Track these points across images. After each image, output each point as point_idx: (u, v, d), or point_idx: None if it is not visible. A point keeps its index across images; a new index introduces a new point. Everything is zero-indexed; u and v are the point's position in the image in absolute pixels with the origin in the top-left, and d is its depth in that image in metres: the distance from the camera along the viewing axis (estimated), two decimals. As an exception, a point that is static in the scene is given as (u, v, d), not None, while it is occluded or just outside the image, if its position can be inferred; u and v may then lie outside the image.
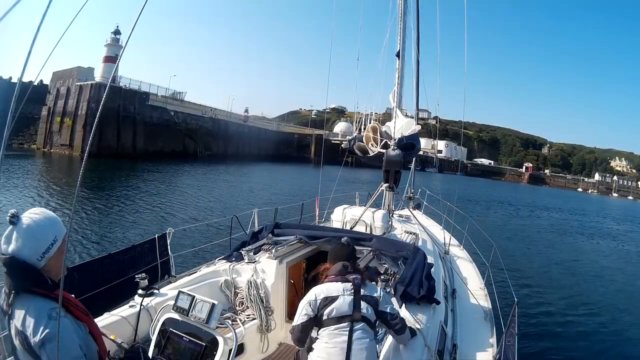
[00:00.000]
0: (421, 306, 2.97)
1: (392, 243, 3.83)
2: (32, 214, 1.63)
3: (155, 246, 4.21)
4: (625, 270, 15.47)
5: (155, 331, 2.34)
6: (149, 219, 12.80)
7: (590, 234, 24.17)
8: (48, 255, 1.60)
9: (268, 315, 3.32)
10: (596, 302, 10.54)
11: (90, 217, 12.02)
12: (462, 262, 5.98)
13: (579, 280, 12.71)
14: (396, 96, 6.41)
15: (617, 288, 12.43)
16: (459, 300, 4.45)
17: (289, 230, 4.08)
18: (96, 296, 3.36)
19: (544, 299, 9.95)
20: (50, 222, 1.64)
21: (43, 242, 1.59)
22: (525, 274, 12.11)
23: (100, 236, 10.08)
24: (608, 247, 20.51)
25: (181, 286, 3.13)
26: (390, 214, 5.85)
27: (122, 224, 11.85)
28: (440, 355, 2.78)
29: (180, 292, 2.36)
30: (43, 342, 1.49)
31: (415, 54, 7.03)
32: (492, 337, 3.74)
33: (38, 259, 1.57)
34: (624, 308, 10.40)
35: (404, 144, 5.59)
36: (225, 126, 50.20)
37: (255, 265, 3.56)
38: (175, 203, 16.00)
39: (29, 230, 1.57)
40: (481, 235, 8.59)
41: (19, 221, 1.57)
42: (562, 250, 17.70)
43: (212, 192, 20.60)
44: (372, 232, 4.71)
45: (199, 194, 19.31)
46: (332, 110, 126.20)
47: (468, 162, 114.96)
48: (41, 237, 1.59)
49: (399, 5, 6.32)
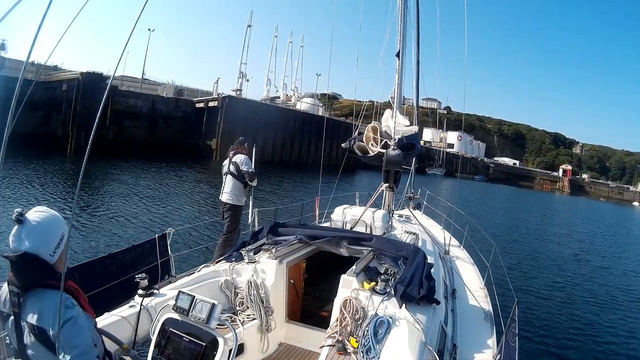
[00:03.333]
0: (421, 306, 2.97)
1: (392, 243, 3.82)
2: (37, 212, 1.69)
3: (155, 246, 4.22)
4: (626, 271, 15.48)
5: (155, 331, 2.34)
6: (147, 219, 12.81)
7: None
8: (59, 250, 1.68)
9: (268, 315, 3.32)
10: (597, 302, 10.55)
11: (91, 217, 12.02)
12: (462, 262, 5.98)
13: (580, 280, 12.71)
14: (396, 96, 6.41)
15: (619, 288, 12.43)
16: (459, 300, 4.45)
17: (289, 230, 4.08)
18: (96, 296, 3.36)
19: (544, 299, 9.96)
20: (57, 219, 1.73)
21: (54, 238, 1.67)
22: (526, 274, 12.12)
23: (101, 236, 10.08)
24: (609, 248, 20.52)
25: (181, 286, 3.14)
26: (390, 214, 5.85)
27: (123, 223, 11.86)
28: (440, 355, 2.78)
29: (180, 292, 2.36)
30: (63, 331, 1.53)
31: (415, 54, 7.04)
32: (492, 337, 3.74)
33: (51, 254, 1.65)
34: (625, 308, 10.41)
35: (404, 144, 5.60)
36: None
37: (255, 265, 3.57)
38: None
39: (40, 227, 1.64)
40: (481, 235, 8.61)
41: (26, 220, 1.62)
42: (563, 251, 17.71)
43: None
44: (372, 232, 4.71)
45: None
46: (323, 97, 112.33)
47: (490, 162, 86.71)
48: (52, 234, 1.67)
49: (398, 5, 6.33)
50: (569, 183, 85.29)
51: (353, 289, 3.01)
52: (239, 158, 5.92)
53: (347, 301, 2.92)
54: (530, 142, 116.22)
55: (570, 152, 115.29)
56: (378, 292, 3.00)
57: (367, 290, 3.01)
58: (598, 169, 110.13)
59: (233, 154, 6.01)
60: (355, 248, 3.69)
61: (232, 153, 6.05)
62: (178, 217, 12.94)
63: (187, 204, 15.43)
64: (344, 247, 3.73)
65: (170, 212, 13.66)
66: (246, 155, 6.00)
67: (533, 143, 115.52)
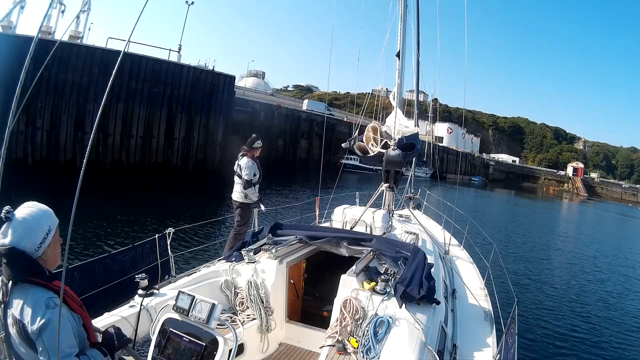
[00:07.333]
0: (421, 306, 2.97)
1: (392, 243, 3.83)
2: (25, 207, 1.73)
3: (155, 246, 4.22)
4: (627, 271, 15.47)
5: (155, 331, 2.34)
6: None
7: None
8: (44, 245, 1.71)
9: (268, 315, 3.32)
10: (597, 302, 10.55)
11: (90, 216, 12.02)
12: (462, 262, 5.98)
13: (580, 280, 12.71)
14: (396, 96, 6.42)
15: (619, 288, 12.43)
16: (459, 300, 4.45)
17: (289, 231, 4.08)
18: (96, 296, 3.37)
19: (544, 299, 9.96)
20: (44, 214, 1.75)
21: (39, 233, 1.69)
22: (526, 274, 12.11)
23: (101, 236, 10.09)
24: (610, 249, 20.51)
25: (181, 286, 3.14)
26: (390, 214, 5.85)
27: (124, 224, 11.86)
28: (440, 355, 2.78)
29: (180, 292, 2.36)
30: (40, 331, 1.57)
31: (415, 54, 7.03)
32: (492, 337, 3.74)
33: (35, 249, 1.68)
34: (625, 308, 10.41)
35: (404, 144, 5.61)
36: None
37: (255, 265, 3.57)
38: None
39: (25, 222, 1.67)
40: (481, 236, 8.61)
41: (14, 216, 1.66)
42: (563, 251, 17.71)
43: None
44: (372, 232, 4.72)
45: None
46: (296, 88, 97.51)
47: (489, 159, 73.65)
48: (37, 229, 1.69)
49: (399, 5, 6.33)
50: (582, 184, 71.66)
51: (353, 289, 3.01)
52: (243, 162, 5.99)
53: (347, 301, 2.92)
54: (529, 136, 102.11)
55: (573, 148, 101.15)
56: (378, 292, 2.99)
57: (367, 290, 3.01)
58: (604, 167, 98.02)
59: (240, 156, 6.08)
60: (355, 248, 3.69)
61: (240, 155, 6.11)
62: (178, 218, 12.94)
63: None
64: (344, 247, 3.73)
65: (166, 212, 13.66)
66: (252, 159, 6.02)
67: (533, 138, 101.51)
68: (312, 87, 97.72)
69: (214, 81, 23.15)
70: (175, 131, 21.68)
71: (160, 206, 14.81)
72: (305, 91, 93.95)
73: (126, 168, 19.72)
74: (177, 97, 21.50)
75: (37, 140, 17.37)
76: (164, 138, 21.29)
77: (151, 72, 20.45)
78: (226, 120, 24.05)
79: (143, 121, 20.43)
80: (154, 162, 20.94)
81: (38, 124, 17.34)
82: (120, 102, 19.37)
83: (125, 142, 19.94)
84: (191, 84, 22.05)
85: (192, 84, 22.09)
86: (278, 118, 37.22)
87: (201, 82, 22.51)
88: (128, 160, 20.07)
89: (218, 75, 23.48)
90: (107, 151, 19.26)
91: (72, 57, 17.96)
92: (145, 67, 20.26)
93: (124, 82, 19.20)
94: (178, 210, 14.00)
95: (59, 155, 17.94)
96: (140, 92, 20.15)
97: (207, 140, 22.94)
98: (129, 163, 20.04)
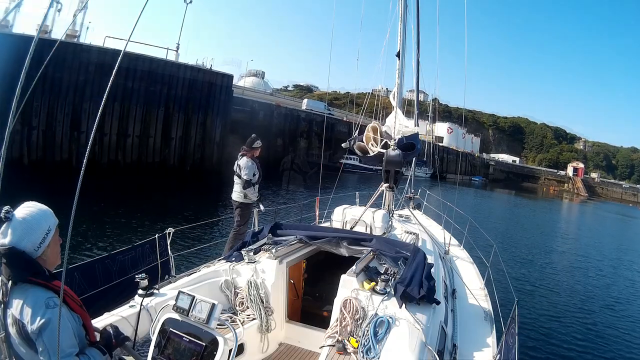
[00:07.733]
0: (421, 306, 2.97)
1: (392, 243, 3.82)
2: (25, 207, 1.73)
3: (155, 246, 4.22)
4: (627, 271, 15.48)
5: (155, 331, 2.34)
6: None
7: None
8: (44, 245, 1.71)
9: (268, 315, 3.32)
10: (597, 301, 10.56)
11: (91, 216, 12.02)
12: (462, 262, 5.98)
13: (580, 280, 12.72)
14: (396, 96, 6.41)
15: (619, 288, 12.44)
16: (459, 300, 4.45)
17: (289, 231, 4.08)
18: (96, 296, 3.37)
19: (544, 299, 9.96)
20: (44, 214, 1.75)
21: (39, 233, 1.70)
22: (526, 274, 12.12)
23: (101, 236, 10.08)
24: (610, 249, 20.53)
25: (181, 286, 3.13)
26: (390, 214, 5.85)
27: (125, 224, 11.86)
28: (440, 355, 2.78)
29: (180, 292, 2.36)
30: (40, 330, 1.58)
31: (415, 54, 7.03)
32: (492, 337, 3.74)
33: (35, 249, 1.69)
34: (625, 308, 10.42)
35: (404, 144, 5.61)
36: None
37: (255, 265, 3.56)
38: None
39: (25, 222, 1.68)
40: (481, 235, 8.60)
41: (13, 216, 1.67)
42: (563, 251, 17.72)
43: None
44: (372, 232, 4.71)
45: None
46: (296, 88, 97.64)
47: (490, 159, 74.63)
48: (37, 229, 1.70)
49: (399, 5, 6.33)
50: (583, 184, 72.09)
51: (353, 289, 3.01)
52: (243, 162, 6.00)
53: (347, 301, 2.92)
54: (529, 136, 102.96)
55: (573, 148, 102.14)
56: (378, 292, 2.99)
57: (367, 290, 3.01)
58: (605, 166, 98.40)
59: (240, 156, 6.10)
60: (355, 248, 3.69)
61: (239, 155, 6.13)
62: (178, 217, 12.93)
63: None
64: (344, 247, 3.73)
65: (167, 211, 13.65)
66: (251, 159, 6.03)
67: (533, 138, 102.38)
68: (312, 87, 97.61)
69: (212, 80, 23.13)
70: (172, 131, 21.64)
71: (157, 206, 14.79)
72: (305, 91, 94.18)
73: (123, 168, 19.63)
74: (174, 96, 21.46)
75: (33, 140, 17.32)
76: (161, 138, 21.25)
77: (148, 71, 20.37)
78: (224, 120, 24.04)
79: (140, 120, 20.37)
80: (151, 161, 20.88)
81: (34, 123, 17.26)
82: (117, 101, 19.29)
83: (122, 141, 19.88)
84: (189, 83, 22.01)
85: (189, 83, 22.04)
86: (277, 117, 37.16)
87: (199, 81, 22.48)
88: (125, 160, 20.00)
89: (216, 74, 23.49)
90: (104, 151, 19.19)
91: (69, 56, 17.88)
92: (142, 66, 20.16)
93: (120, 81, 19.08)
94: (176, 211, 13.97)
95: (55, 154, 17.88)
96: (137, 91, 20.09)
97: (204, 140, 22.93)
98: (125, 163, 19.96)
